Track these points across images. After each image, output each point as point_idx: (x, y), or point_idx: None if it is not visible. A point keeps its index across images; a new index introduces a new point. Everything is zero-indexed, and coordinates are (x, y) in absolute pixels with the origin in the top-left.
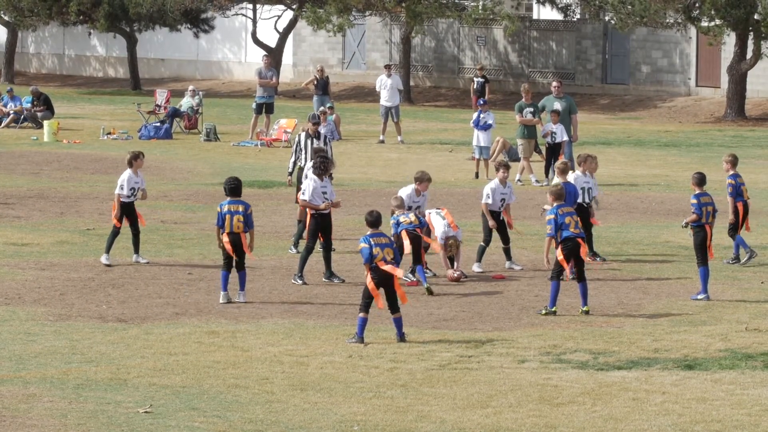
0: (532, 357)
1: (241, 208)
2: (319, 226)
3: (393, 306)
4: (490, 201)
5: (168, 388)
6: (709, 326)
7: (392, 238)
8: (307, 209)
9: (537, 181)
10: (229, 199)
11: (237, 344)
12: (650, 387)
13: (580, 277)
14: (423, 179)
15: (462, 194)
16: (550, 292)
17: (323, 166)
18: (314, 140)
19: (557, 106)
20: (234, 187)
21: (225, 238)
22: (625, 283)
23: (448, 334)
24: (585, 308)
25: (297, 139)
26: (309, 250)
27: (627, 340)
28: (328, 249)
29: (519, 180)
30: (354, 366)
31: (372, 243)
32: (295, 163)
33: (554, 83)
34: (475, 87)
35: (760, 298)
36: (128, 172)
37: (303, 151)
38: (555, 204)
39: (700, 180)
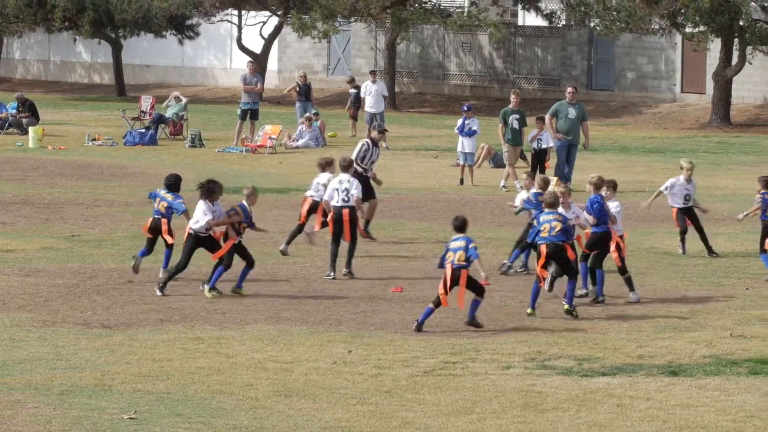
0: (517, 363)
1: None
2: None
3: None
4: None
5: (152, 394)
6: (693, 332)
7: None
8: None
9: (521, 187)
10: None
11: (221, 350)
12: (635, 393)
13: (571, 275)
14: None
15: (447, 200)
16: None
17: None
18: (376, 148)
19: (571, 111)
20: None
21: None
22: (609, 289)
23: (432, 340)
24: (566, 307)
25: (365, 146)
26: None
27: (611, 346)
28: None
29: (504, 186)
30: (338, 372)
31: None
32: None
33: (569, 89)
34: (351, 99)
35: (745, 305)
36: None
37: (368, 158)
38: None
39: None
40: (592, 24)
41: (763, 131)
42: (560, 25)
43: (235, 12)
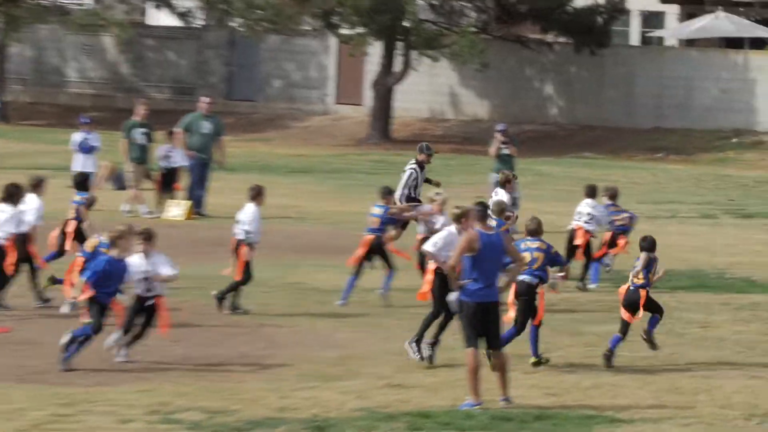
0: (138, 416)
1: None
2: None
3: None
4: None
5: None
6: (344, 381)
7: None
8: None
9: (149, 212)
10: None
11: None
12: None
13: None
14: None
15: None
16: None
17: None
18: (423, 172)
19: (205, 125)
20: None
21: None
22: (248, 331)
23: (41, 389)
24: (533, 360)
25: (413, 174)
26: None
27: (249, 397)
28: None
29: (128, 211)
30: None
31: None
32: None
33: (205, 99)
34: None
35: (405, 349)
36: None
37: (420, 186)
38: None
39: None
40: (233, 24)
41: None
42: (197, 25)
43: None
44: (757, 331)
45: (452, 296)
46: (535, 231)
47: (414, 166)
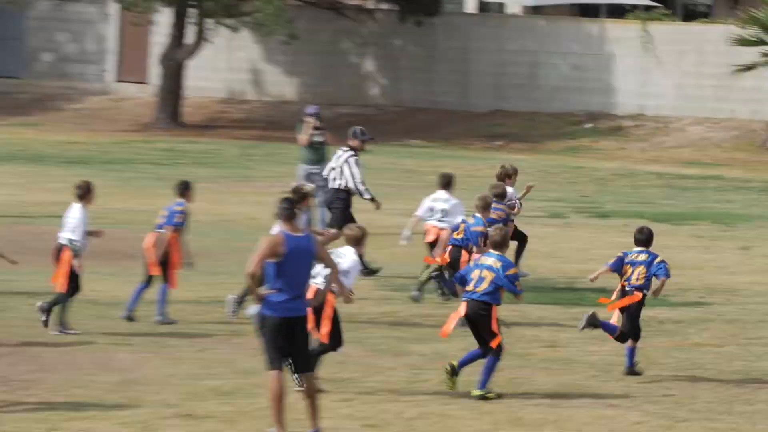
0: None
1: None
2: None
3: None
4: None
5: None
6: (124, 411)
7: None
8: None
9: None
10: None
11: None
12: None
13: None
14: None
15: None
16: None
17: None
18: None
19: None
20: None
21: None
22: (11, 351)
23: None
24: (477, 392)
25: (359, 160)
26: None
27: (9, 429)
28: None
29: None
30: None
31: None
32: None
33: None
34: None
35: (196, 372)
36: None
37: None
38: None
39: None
40: None
41: (225, 135)
42: None
43: None
44: (614, 351)
45: (252, 310)
46: (501, 244)
47: (352, 152)
